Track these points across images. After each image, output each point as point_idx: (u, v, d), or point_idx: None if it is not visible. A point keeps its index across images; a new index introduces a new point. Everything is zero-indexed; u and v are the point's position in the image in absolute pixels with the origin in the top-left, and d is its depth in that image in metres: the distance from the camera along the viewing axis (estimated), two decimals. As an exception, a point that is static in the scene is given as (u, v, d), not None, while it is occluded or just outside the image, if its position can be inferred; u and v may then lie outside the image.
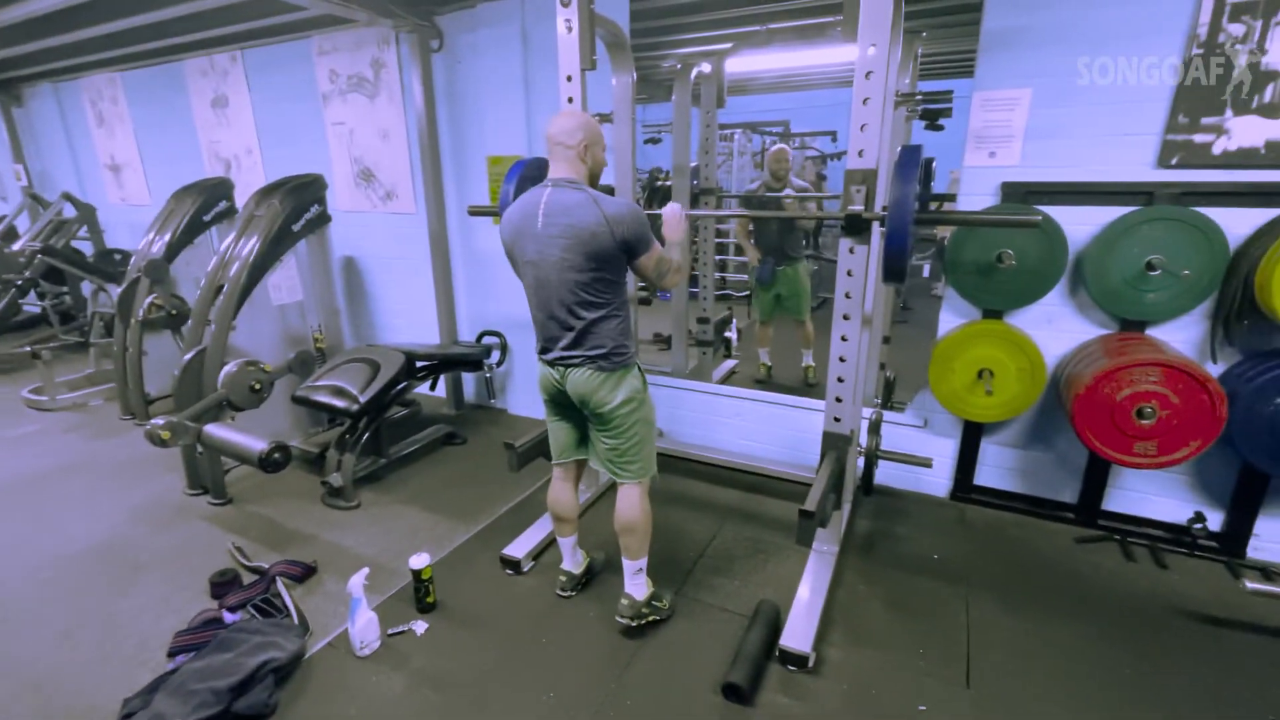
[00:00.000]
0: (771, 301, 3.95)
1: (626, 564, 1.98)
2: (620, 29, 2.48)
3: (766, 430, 3.08)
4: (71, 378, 4.33)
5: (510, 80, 3.22)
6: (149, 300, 3.53)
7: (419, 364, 3.09)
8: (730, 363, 4.35)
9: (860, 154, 1.83)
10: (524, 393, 3.79)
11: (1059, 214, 2.25)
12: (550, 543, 2.44)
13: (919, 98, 2.23)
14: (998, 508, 2.65)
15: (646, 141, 4.51)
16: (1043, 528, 2.53)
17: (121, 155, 5.26)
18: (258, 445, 2.28)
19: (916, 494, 2.79)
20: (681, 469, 3.06)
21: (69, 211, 5.31)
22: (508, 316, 3.67)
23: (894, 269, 1.72)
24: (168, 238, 3.71)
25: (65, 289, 5.25)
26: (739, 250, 7.11)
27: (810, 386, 3.87)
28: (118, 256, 4.93)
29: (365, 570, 1.91)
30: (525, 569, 2.30)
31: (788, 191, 3.79)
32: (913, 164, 1.66)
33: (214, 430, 2.42)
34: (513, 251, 1.83)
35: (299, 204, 3.07)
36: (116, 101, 5.05)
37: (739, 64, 3.64)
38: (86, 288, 4.95)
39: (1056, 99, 2.21)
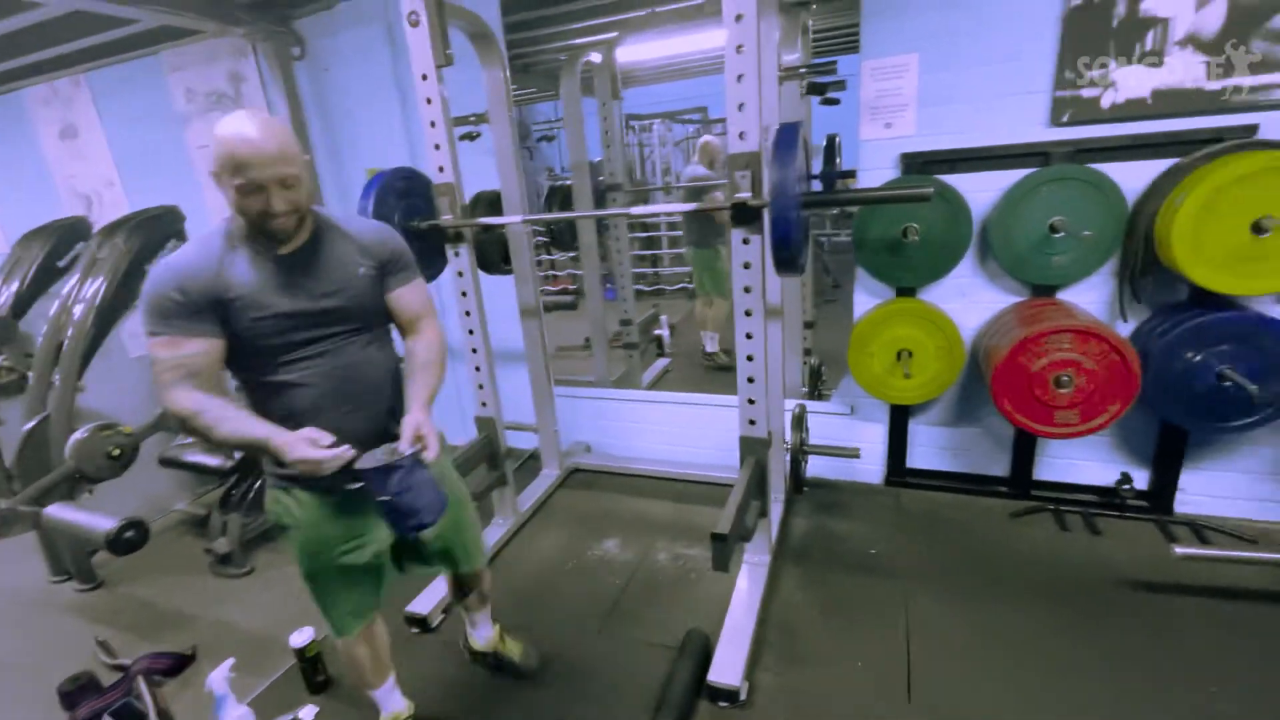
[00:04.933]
0: (708, 278, 4.00)
1: None
2: (481, 20, 2.26)
3: (699, 433, 2.93)
4: (-73, 457, 3.83)
5: (382, 85, 2.95)
6: (-4, 363, 3.11)
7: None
8: (663, 362, 4.19)
9: (741, 136, 1.67)
10: (439, 416, 3.53)
11: (960, 182, 2.16)
12: (491, 559, 2.21)
13: (802, 70, 2.09)
14: (933, 489, 2.57)
15: (540, 140, 4.29)
16: (978, 505, 2.46)
17: (-33, 201, 4.70)
18: (103, 525, 1.97)
19: (851, 483, 2.68)
20: (608, 485, 2.88)
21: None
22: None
23: (784, 258, 1.57)
24: (14, 289, 3.28)
25: (-81, 356, 4.67)
26: (674, 243, 7.00)
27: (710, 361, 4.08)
28: (-26, 314, 4.39)
29: (229, 662, 1.66)
30: (434, 624, 2.07)
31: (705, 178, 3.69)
32: (791, 143, 1.51)
33: (54, 512, 2.09)
34: None
35: (150, 240, 2.73)
36: (-47, 141, 4.49)
37: (632, 52, 3.45)
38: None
39: (944, 62, 2.11)
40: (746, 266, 1.79)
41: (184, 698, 1.88)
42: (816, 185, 2.50)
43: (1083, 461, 2.36)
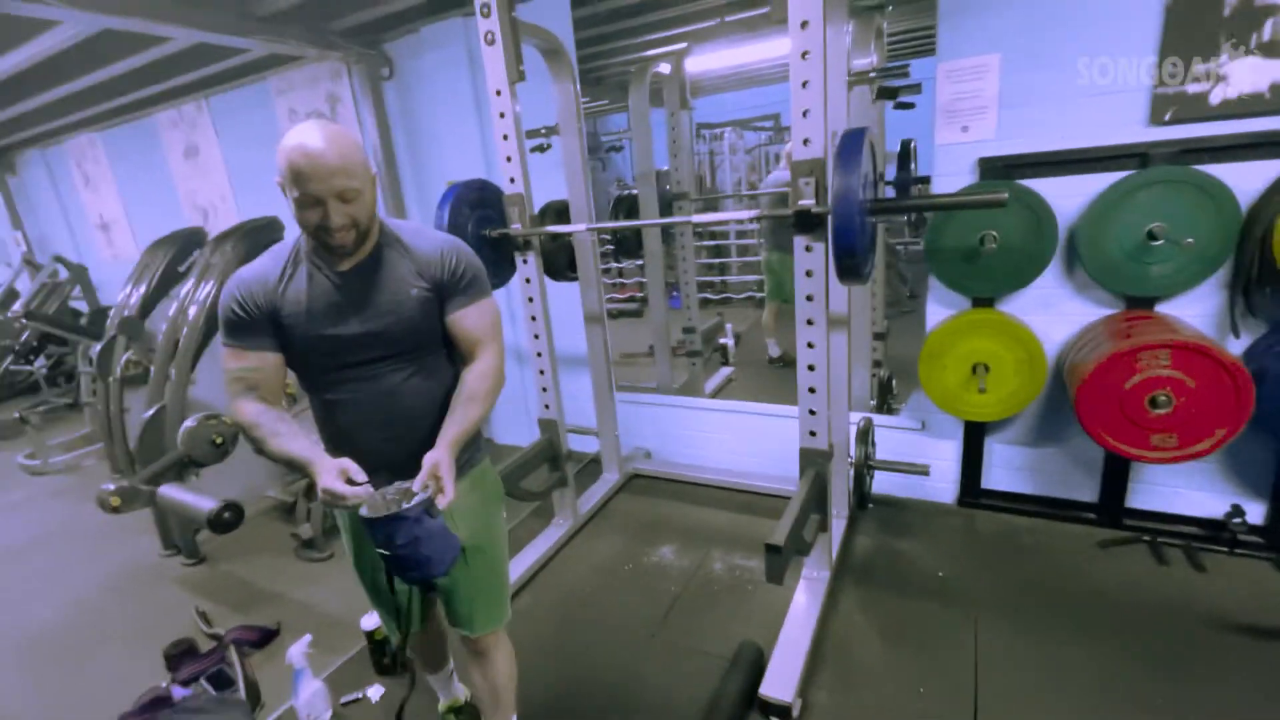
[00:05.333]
0: (774, 290, 4.00)
1: None
2: (554, 36, 2.34)
3: (760, 444, 2.89)
4: (68, 438, 4.34)
5: (461, 102, 3.11)
6: (125, 357, 3.49)
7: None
8: (726, 370, 4.15)
9: (806, 143, 1.65)
10: (505, 419, 3.65)
11: (1044, 187, 2.03)
12: (522, 588, 2.28)
13: (872, 75, 2.04)
14: (1010, 512, 2.42)
15: (609, 150, 4.38)
16: (1061, 531, 2.29)
17: (109, 213, 5.32)
18: (206, 505, 2.17)
19: (920, 502, 2.57)
20: (667, 492, 2.88)
21: (64, 274, 5.38)
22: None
23: (847, 266, 1.53)
24: (142, 291, 3.68)
25: (67, 350, 5.31)
26: (742, 251, 6.95)
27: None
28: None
29: (307, 638, 1.78)
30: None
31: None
32: (855, 150, 1.48)
33: (166, 492, 2.33)
34: None
35: (254, 247, 2.99)
36: (99, 161, 5.10)
37: (702, 62, 3.48)
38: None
39: (1028, 61, 2.00)
40: (809, 275, 1.76)
41: (268, 668, 2.04)
42: (890, 193, 2.43)
43: (1186, 490, 2.15)
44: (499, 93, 2.12)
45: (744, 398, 3.05)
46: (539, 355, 2.40)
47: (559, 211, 2.66)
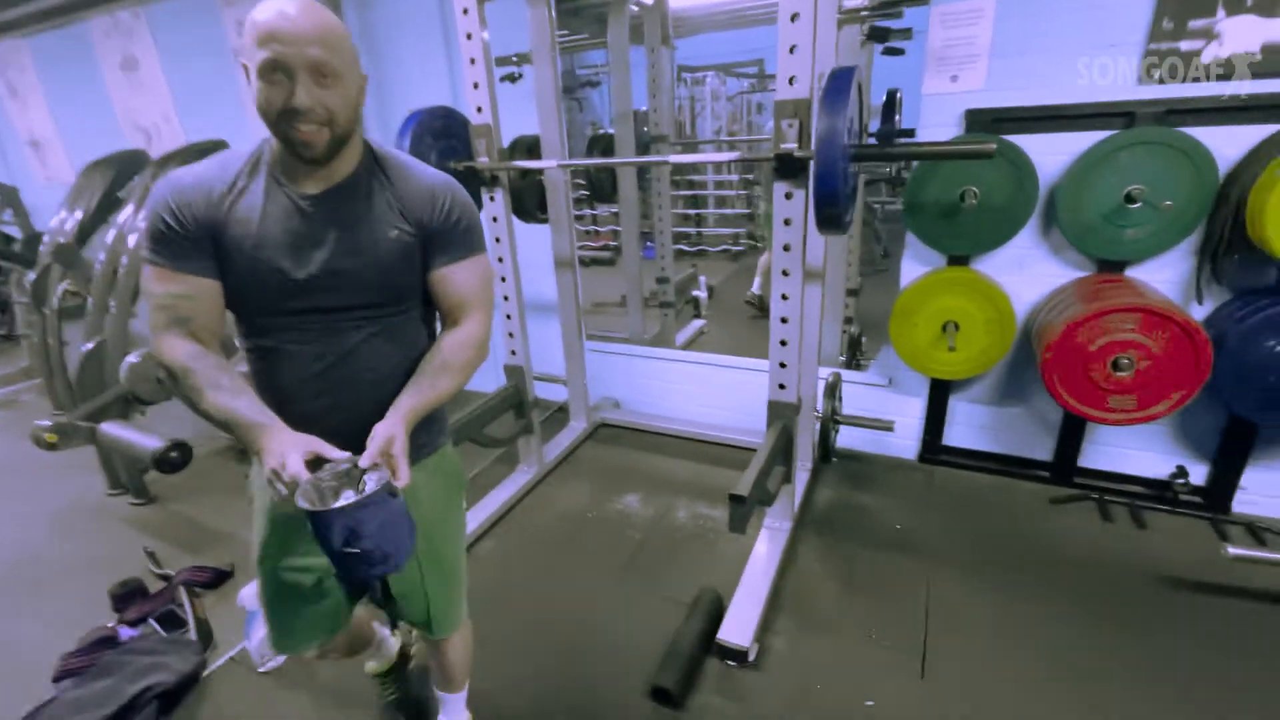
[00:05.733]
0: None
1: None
2: (528, -49, 2.16)
3: (730, 397, 2.88)
4: (4, 372, 4.11)
5: (428, 23, 2.89)
6: (62, 287, 3.27)
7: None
8: (698, 323, 4.12)
9: (791, 81, 1.57)
10: (475, 366, 3.57)
11: (1029, 143, 1.99)
12: (485, 533, 2.27)
13: (864, 12, 1.94)
14: (969, 469, 2.48)
15: (582, 85, 4.16)
16: (1016, 489, 2.36)
17: (39, 130, 4.89)
18: (151, 444, 2.08)
19: (883, 457, 2.61)
20: (634, 442, 2.87)
21: (-8, 195, 4.98)
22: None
23: (827, 215, 1.48)
24: (78, 217, 3.42)
25: (0, 279, 4.98)
26: (719, 203, 6.82)
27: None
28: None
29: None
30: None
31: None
32: (843, 90, 1.40)
33: (108, 429, 2.21)
34: None
35: (200, 174, 2.78)
36: (25, 70, 4.65)
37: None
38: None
39: (1024, 7, 1.92)
40: (787, 223, 1.70)
41: (220, 609, 1.99)
42: (873, 144, 2.36)
43: (1134, 451, 2.22)
44: (466, 11, 1.96)
45: (715, 350, 3.02)
46: (505, 299, 2.31)
47: (530, 147, 2.53)
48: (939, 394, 2.44)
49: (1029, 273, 2.16)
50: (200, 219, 0.92)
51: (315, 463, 0.87)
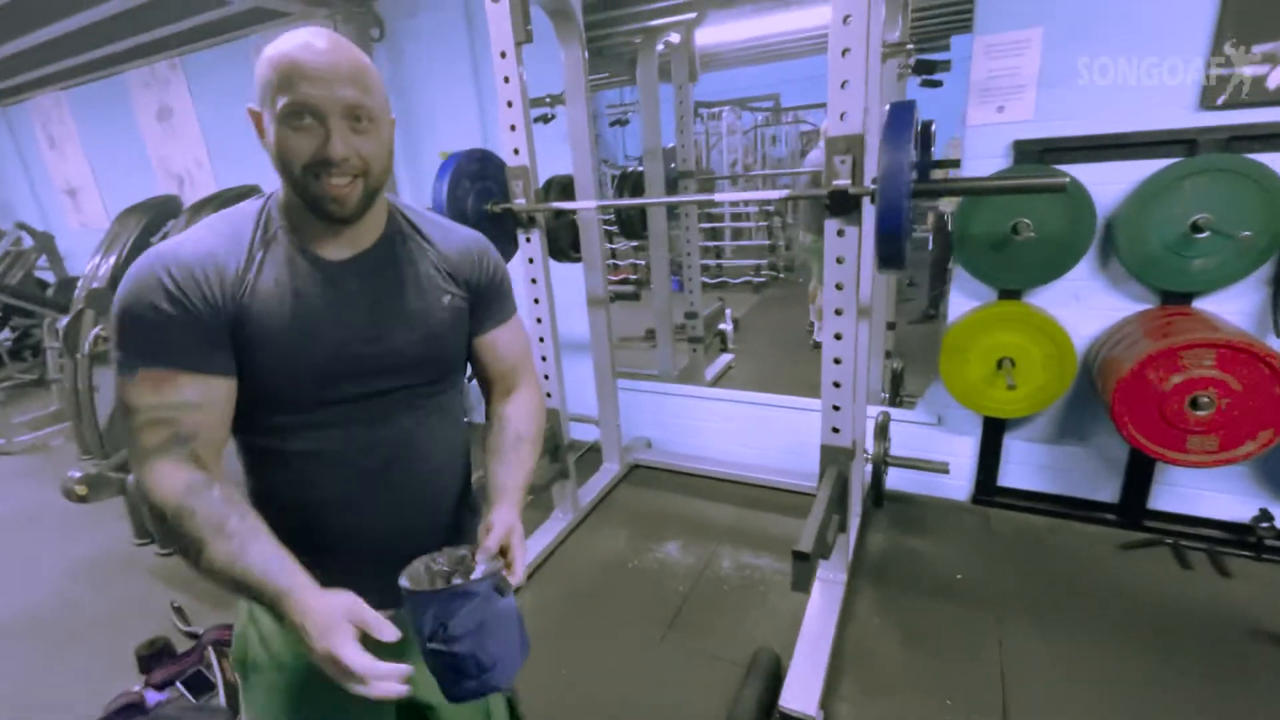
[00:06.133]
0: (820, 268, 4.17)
1: None
2: (563, -5, 2.17)
3: (765, 436, 2.79)
4: (34, 416, 4.12)
5: (459, 68, 2.92)
6: (94, 333, 3.29)
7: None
8: (726, 358, 4.05)
9: (842, 117, 1.52)
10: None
11: (1083, 173, 1.93)
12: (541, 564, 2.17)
13: (910, 47, 1.90)
14: (1027, 510, 2.35)
15: (613, 124, 4.20)
16: (1080, 532, 2.23)
17: (76, 178, 5.02)
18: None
19: (934, 499, 2.49)
20: (669, 484, 2.78)
21: (29, 242, 5.09)
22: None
23: (890, 253, 1.41)
24: (112, 262, 3.46)
25: (33, 322, 5.05)
26: (736, 234, 6.82)
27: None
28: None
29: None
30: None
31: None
32: (905, 123, 1.35)
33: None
34: None
35: (233, 219, 2.80)
36: (64, 122, 4.80)
37: (711, 34, 3.31)
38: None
39: (1073, 36, 1.88)
40: (840, 261, 1.64)
41: (250, 671, 1.91)
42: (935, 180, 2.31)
43: (1209, 493, 2.09)
44: (504, 55, 1.95)
45: (745, 385, 2.95)
46: (541, 340, 2.26)
47: (563, 187, 2.51)
48: (992, 432, 2.33)
49: (1086, 306, 2.07)
50: (214, 302, 0.73)
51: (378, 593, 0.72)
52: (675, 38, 3.05)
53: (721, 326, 4.28)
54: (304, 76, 0.70)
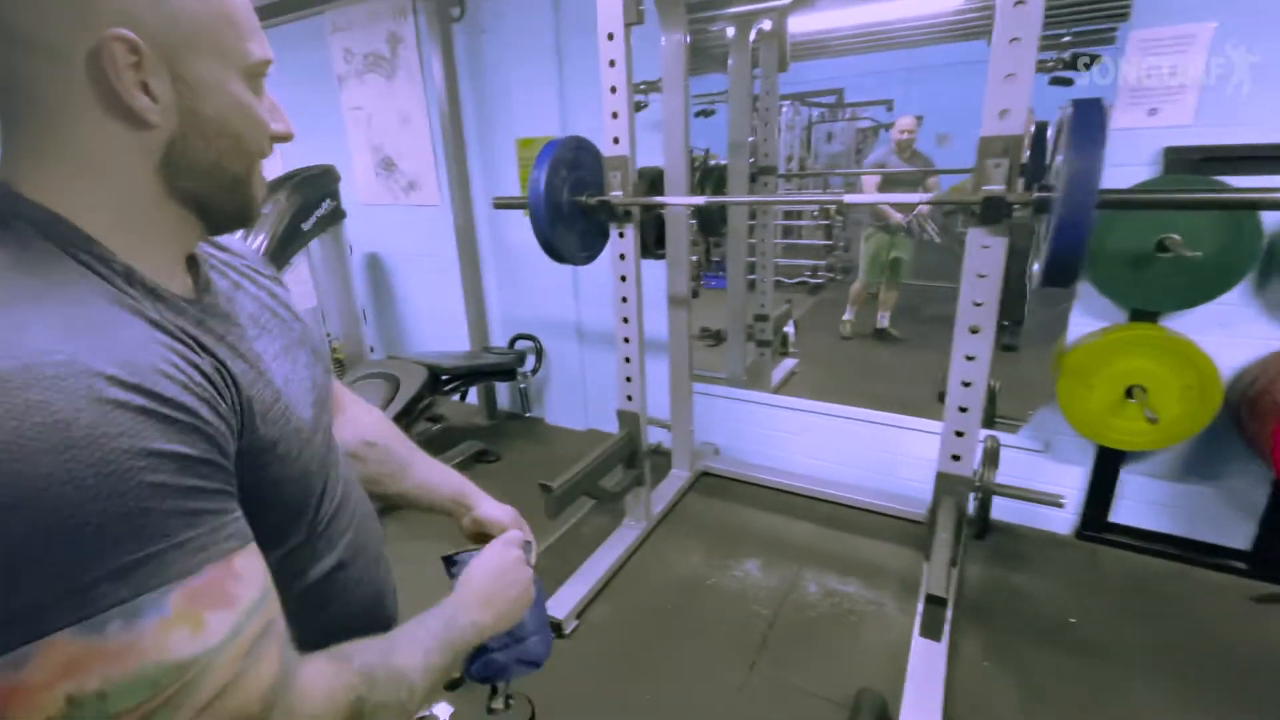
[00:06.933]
0: (886, 265, 4.12)
1: None
2: (671, -25, 2.04)
3: (844, 450, 2.64)
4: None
5: (541, 49, 2.80)
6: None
7: (444, 378, 2.75)
8: (789, 363, 3.89)
9: (1003, 115, 1.37)
10: (561, 400, 3.42)
11: (1249, 185, 1.72)
12: (596, 595, 2.07)
13: (1066, 39, 1.73)
14: (1140, 551, 2.16)
15: (698, 114, 4.03)
16: (1201, 579, 2.03)
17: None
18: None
19: (1033, 531, 2.31)
20: (740, 495, 2.65)
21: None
22: (542, 317, 3.30)
23: (1066, 269, 1.26)
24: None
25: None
26: (786, 232, 6.62)
27: (880, 335, 4.38)
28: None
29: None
30: (568, 630, 1.93)
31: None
32: (1096, 124, 1.19)
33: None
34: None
35: (308, 199, 2.75)
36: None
37: (803, 23, 3.14)
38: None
39: (1252, 31, 1.67)
40: (982, 277, 1.49)
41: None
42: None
43: (1362, 547, 1.89)
44: (611, 37, 1.83)
45: (812, 393, 2.80)
46: (626, 341, 2.15)
47: (651, 180, 2.38)
48: (1107, 464, 2.15)
49: (1234, 333, 1.87)
50: (226, 411, 0.45)
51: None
52: (767, 25, 2.89)
53: (785, 329, 4.12)
54: (253, 29, 0.50)
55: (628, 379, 2.19)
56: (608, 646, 1.87)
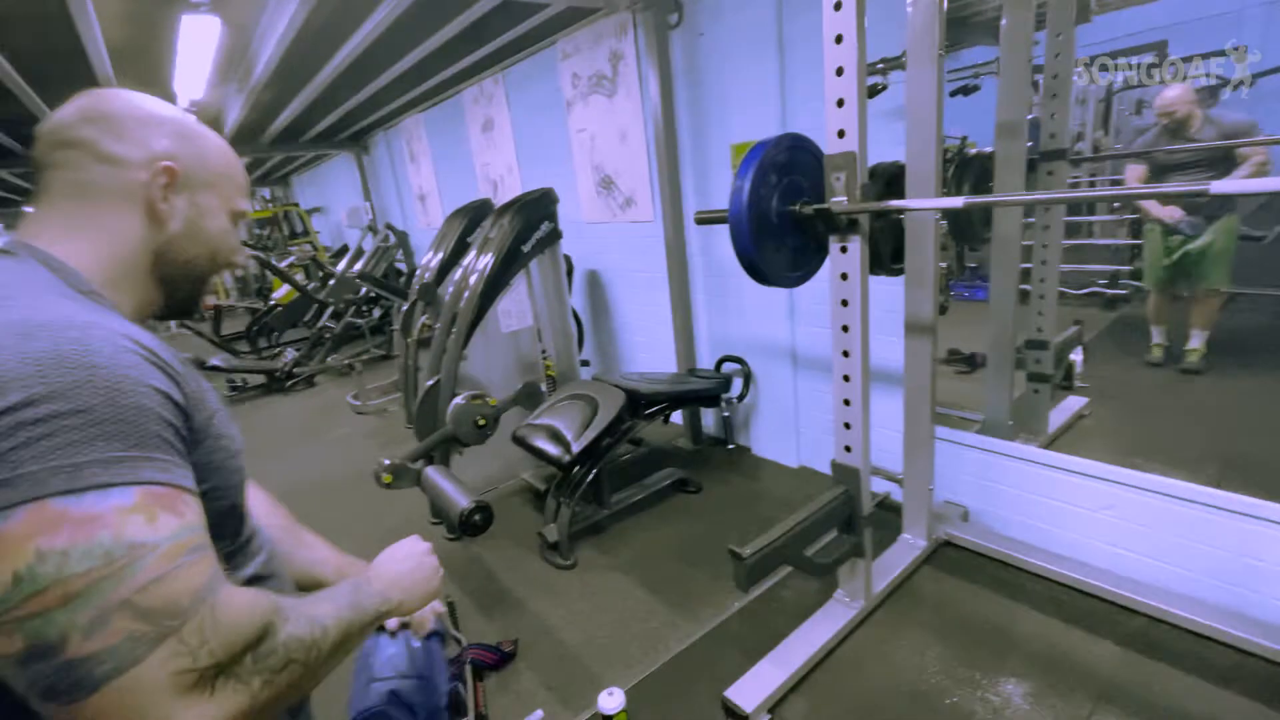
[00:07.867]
0: (1167, 268, 3.00)
1: None
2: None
3: (1175, 543, 1.86)
4: (382, 384, 5.01)
5: (760, 40, 2.52)
6: (421, 320, 3.76)
7: (644, 403, 2.62)
8: (1075, 402, 2.98)
9: None
10: (771, 431, 3.08)
11: None
12: (796, 686, 1.71)
13: None
14: None
15: (954, 93, 3.32)
16: None
17: (425, 185, 6.01)
18: (460, 502, 2.03)
19: None
20: (998, 581, 2.03)
21: (393, 239, 6.28)
22: (751, 338, 3.00)
23: None
24: (440, 259, 3.92)
25: (392, 306, 6.25)
26: (1071, 231, 5.28)
27: (1185, 373, 2.87)
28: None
29: (539, 714, 1.46)
30: (754, 725, 1.61)
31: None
32: None
33: (431, 474, 2.27)
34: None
35: (528, 222, 2.85)
36: (421, 139, 5.75)
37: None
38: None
39: None
40: None
41: (498, 700, 1.82)
42: None
43: None
44: (839, 6, 1.46)
45: (1107, 446, 2.02)
46: (846, 380, 1.74)
47: (887, 179, 1.94)
48: None
49: None
50: (189, 395, 0.60)
51: None
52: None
53: (1071, 357, 3.20)
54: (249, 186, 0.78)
55: (846, 425, 1.78)
56: (805, 762, 1.51)
